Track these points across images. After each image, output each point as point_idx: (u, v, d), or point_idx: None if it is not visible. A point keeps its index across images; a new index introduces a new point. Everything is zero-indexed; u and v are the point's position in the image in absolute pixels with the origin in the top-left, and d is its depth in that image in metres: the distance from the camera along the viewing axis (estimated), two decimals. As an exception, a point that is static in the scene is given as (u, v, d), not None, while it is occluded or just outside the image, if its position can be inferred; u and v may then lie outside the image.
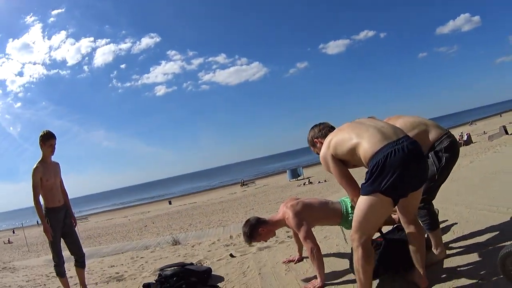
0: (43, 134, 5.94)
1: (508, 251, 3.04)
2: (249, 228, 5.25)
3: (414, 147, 3.62)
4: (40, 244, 30.42)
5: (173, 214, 42.46)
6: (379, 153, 3.54)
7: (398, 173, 3.45)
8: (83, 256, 6.22)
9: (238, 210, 32.10)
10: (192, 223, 29.33)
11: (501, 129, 38.65)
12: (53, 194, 5.93)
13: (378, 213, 3.67)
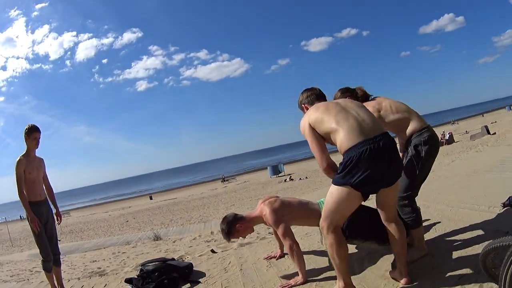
0: (28, 127, 5.93)
1: (489, 249, 3.10)
2: (227, 224, 5.29)
3: (389, 145, 3.77)
4: (23, 239, 30.10)
5: (154, 210, 42.24)
6: (354, 148, 3.69)
7: (370, 171, 3.65)
8: (59, 254, 6.19)
9: (219, 206, 32.01)
10: (173, 219, 29.22)
11: (483, 129, 38.93)
12: (34, 188, 5.91)
13: (346, 205, 3.88)
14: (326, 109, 4.05)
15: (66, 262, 11.53)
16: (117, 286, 6.24)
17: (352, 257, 5.18)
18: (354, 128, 3.80)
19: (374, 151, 3.66)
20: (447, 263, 4.23)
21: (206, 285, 5.53)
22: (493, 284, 3.39)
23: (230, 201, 34.60)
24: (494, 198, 5.88)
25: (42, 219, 5.91)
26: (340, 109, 4.01)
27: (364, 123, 3.87)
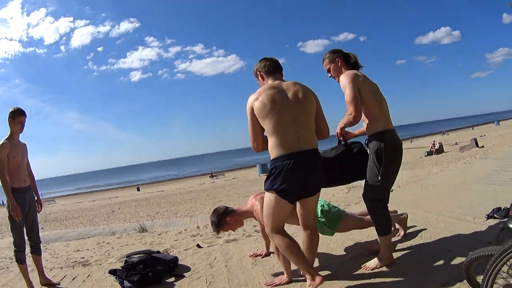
0: (13, 110, 5.76)
1: (472, 258, 3.13)
2: (217, 217, 5.29)
3: (310, 162, 4.17)
4: (5, 225, 29.70)
5: (141, 201, 42.17)
6: (280, 159, 4.09)
7: (289, 182, 4.08)
8: (39, 242, 6.06)
9: (206, 201, 31.99)
10: (159, 211, 29.17)
11: (472, 142, 39.90)
12: (19, 173, 5.77)
13: (277, 208, 4.21)
14: (273, 103, 4.16)
15: (49, 251, 11.42)
16: (101, 276, 6.18)
17: (338, 259, 5.26)
18: (285, 140, 4.12)
19: (295, 166, 4.06)
20: (431, 270, 4.27)
21: (191, 280, 5.50)
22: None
23: (218, 196, 34.61)
24: (479, 210, 5.96)
25: (26, 206, 5.79)
26: (283, 108, 4.17)
27: (297, 135, 4.15)
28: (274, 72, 4.50)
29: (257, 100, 4.20)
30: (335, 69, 4.84)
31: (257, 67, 4.59)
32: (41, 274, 6.00)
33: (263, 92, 4.24)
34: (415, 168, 28.45)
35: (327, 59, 4.88)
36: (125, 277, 5.59)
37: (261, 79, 4.54)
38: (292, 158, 4.06)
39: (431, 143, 48.51)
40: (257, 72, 4.59)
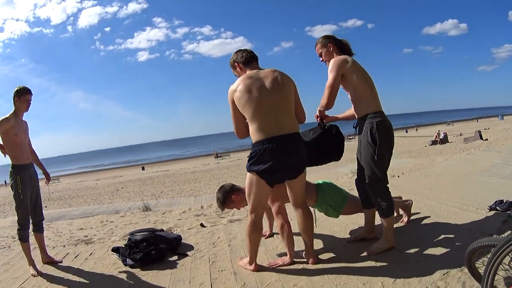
0: (19, 89, 5.67)
1: (474, 247, 3.10)
2: (223, 194, 5.32)
3: (290, 146, 4.32)
4: (7, 204, 29.91)
5: (146, 180, 42.33)
6: (260, 143, 4.25)
7: (270, 165, 4.25)
8: (42, 220, 6.01)
9: (211, 182, 32.10)
10: (164, 191, 29.26)
11: (476, 134, 40.08)
12: (22, 151, 5.67)
13: (256, 189, 4.41)
14: (250, 91, 4.28)
15: (52, 229, 11.47)
16: (103, 254, 6.18)
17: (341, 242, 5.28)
18: (264, 125, 4.27)
19: (275, 149, 4.23)
20: (433, 258, 4.25)
21: (194, 259, 5.49)
22: (476, 283, 3.42)
23: (222, 177, 34.70)
24: (481, 201, 5.93)
25: (31, 183, 5.76)
26: (261, 96, 4.29)
27: (276, 120, 4.30)
28: (251, 61, 4.61)
29: (236, 90, 4.34)
30: (326, 53, 4.87)
31: (234, 58, 4.69)
32: (43, 252, 5.97)
33: (242, 82, 4.35)
34: (420, 156, 28.53)
35: (319, 43, 4.91)
36: (128, 255, 5.58)
37: (238, 69, 4.64)
38: (272, 142, 4.23)
39: (436, 132, 48.63)
40: (234, 63, 4.68)
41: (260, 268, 4.68)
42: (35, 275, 5.44)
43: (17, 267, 5.90)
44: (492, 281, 2.66)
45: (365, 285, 3.93)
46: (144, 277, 5.04)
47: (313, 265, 4.59)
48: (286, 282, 4.26)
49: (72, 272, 5.51)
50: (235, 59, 4.65)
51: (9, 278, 5.43)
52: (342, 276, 4.22)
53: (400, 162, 22.54)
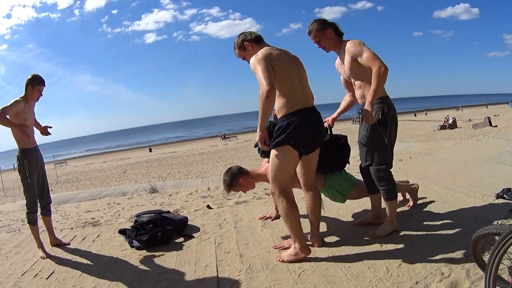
0: (33, 77, 5.62)
1: (479, 234, 3.08)
2: (230, 176, 5.28)
3: (319, 117, 4.42)
4: (17, 189, 29.93)
5: (153, 162, 42.39)
6: (293, 114, 4.16)
7: (305, 135, 4.20)
8: (50, 202, 6.05)
9: (218, 163, 32.10)
10: (171, 172, 29.31)
11: (485, 120, 39.54)
12: (29, 135, 5.64)
13: (289, 164, 4.30)
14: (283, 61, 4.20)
15: (60, 212, 11.53)
16: (111, 236, 6.22)
17: (347, 225, 5.31)
18: (296, 96, 4.22)
19: (309, 120, 4.22)
20: (438, 244, 4.25)
21: (200, 240, 5.52)
22: (480, 271, 3.42)
23: (230, 159, 34.70)
24: (489, 188, 5.89)
25: (38, 166, 5.79)
26: (290, 67, 4.25)
27: (304, 92, 4.31)
28: (261, 40, 4.52)
29: (272, 53, 4.14)
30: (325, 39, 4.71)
31: (243, 38, 4.53)
32: (51, 234, 6.01)
33: (271, 49, 4.22)
34: (428, 141, 28.48)
35: (315, 31, 4.70)
36: (134, 237, 5.61)
37: (250, 48, 4.47)
38: (305, 113, 4.19)
39: (445, 117, 48.31)
40: (243, 43, 4.51)
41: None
42: (44, 257, 5.49)
43: (27, 249, 5.96)
44: (496, 269, 2.63)
45: (370, 269, 3.94)
46: (151, 259, 5.08)
47: (318, 248, 4.61)
48: (291, 264, 4.28)
49: (79, 254, 5.56)
50: (245, 39, 4.50)
51: (20, 260, 5.48)
52: (347, 259, 4.24)
53: (408, 146, 22.58)
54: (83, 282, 4.56)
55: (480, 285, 3.29)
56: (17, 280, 4.75)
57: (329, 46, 4.69)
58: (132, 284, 4.38)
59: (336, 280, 3.82)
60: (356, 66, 4.47)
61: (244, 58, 4.54)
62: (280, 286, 3.87)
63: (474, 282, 3.36)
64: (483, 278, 3.16)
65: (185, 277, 4.41)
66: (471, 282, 3.37)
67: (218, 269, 4.47)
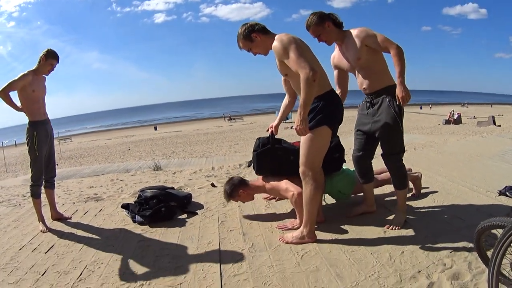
0: (49, 50, 5.62)
1: (484, 226, 3.03)
2: (230, 187, 5.22)
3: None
4: (19, 164, 30.15)
5: (158, 140, 42.56)
6: (331, 93, 4.26)
7: (340, 115, 4.34)
8: (54, 176, 6.05)
9: (223, 144, 32.21)
10: (175, 151, 29.41)
11: (490, 119, 39.73)
12: (39, 107, 5.65)
13: (325, 145, 4.27)
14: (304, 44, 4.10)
15: (62, 187, 11.53)
16: (113, 211, 6.23)
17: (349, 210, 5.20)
18: (325, 76, 4.25)
19: (339, 100, 4.39)
20: (441, 234, 4.26)
21: (203, 217, 5.53)
22: (482, 265, 3.42)
23: (234, 140, 34.84)
24: (492, 184, 5.89)
25: (47, 139, 5.74)
26: (311, 51, 4.17)
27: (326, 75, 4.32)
28: (268, 30, 4.37)
29: (294, 36, 4.05)
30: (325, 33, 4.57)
31: (250, 29, 4.32)
32: (53, 208, 6.00)
33: (292, 35, 4.10)
34: (433, 134, 28.56)
35: (313, 25, 4.52)
36: (138, 212, 5.60)
37: (258, 39, 4.31)
38: (333, 94, 4.28)
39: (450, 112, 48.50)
40: (251, 34, 4.31)
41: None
42: (44, 231, 5.49)
43: (27, 223, 5.95)
44: (500, 264, 2.58)
45: (373, 254, 3.94)
46: (153, 234, 5.07)
47: (322, 231, 4.59)
48: (294, 245, 4.29)
49: (81, 228, 5.56)
50: (252, 29, 4.30)
51: (19, 234, 5.47)
52: (351, 243, 4.25)
53: (412, 137, 22.61)
54: (83, 256, 4.54)
55: (481, 279, 3.29)
56: (14, 255, 4.72)
57: (330, 39, 4.57)
58: (133, 259, 4.37)
59: (338, 264, 3.81)
60: (365, 53, 4.38)
61: (249, 50, 4.40)
62: (282, 266, 3.86)
63: (475, 276, 3.36)
64: (485, 272, 3.23)
65: (187, 253, 4.41)
66: (473, 275, 3.36)
67: (221, 246, 4.47)
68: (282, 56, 3.97)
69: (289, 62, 3.92)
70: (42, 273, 4.15)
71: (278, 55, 4.03)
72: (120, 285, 3.77)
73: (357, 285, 3.38)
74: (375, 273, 3.55)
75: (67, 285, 3.83)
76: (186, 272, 3.92)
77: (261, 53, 4.36)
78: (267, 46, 4.25)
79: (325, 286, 3.41)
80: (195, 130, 54.88)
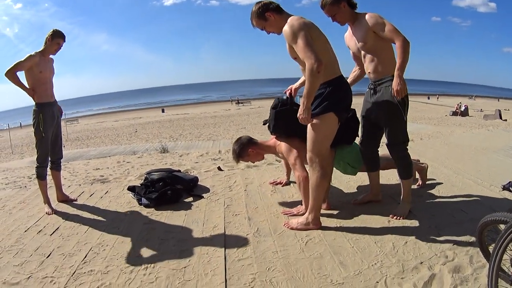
0: (55, 30, 5.64)
1: (486, 221, 3.03)
2: (239, 146, 5.20)
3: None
4: (25, 146, 30.19)
5: (165, 123, 42.54)
6: (341, 79, 4.20)
7: (348, 101, 4.29)
8: (61, 158, 6.06)
9: (230, 127, 32.16)
10: (182, 134, 29.42)
11: (496, 113, 39.73)
12: (46, 89, 5.64)
13: (333, 130, 4.24)
14: (315, 27, 4.06)
15: (68, 169, 11.53)
16: (119, 193, 6.25)
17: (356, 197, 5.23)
18: (333, 63, 4.17)
19: (348, 86, 4.33)
20: (444, 226, 4.27)
21: (209, 201, 5.55)
22: (483, 259, 3.44)
23: (242, 123, 34.77)
24: (496, 178, 5.87)
25: (53, 121, 5.75)
26: (323, 35, 4.11)
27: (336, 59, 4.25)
28: (283, 10, 4.29)
29: (305, 22, 3.98)
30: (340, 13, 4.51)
31: (264, 8, 4.24)
32: (59, 190, 6.02)
33: (302, 18, 4.05)
34: (439, 125, 28.52)
35: (329, 5, 4.47)
36: (144, 194, 5.62)
37: (272, 18, 4.23)
38: (342, 80, 4.23)
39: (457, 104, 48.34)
40: (264, 14, 4.24)
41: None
42: (50, 213, 5.52)
43: (32, 205, 5.97)
44: (501, 259, 2.57)
45: (377, 243, 3.96)
46: (158, 217, 5.10)
47: (327, 218, 4.61)
48: (299, 231, 4.31)
49: (86, 210, 5.59)
50: (266, 8, 4.23)
51: (24, 216, 5.48)
52: (355, 231, 4.27)
53: (419, 127, 22.65)
54: (88, 238, 4.57)
55: (482, 273, 3.30)
56: (19, 237, 4.75)
57: (344, 19, 4.52)
58: (138, 242, 4.40)
59: (342, 251, 3.84)
60: (372, 38, 4.34)
61: (263, 28, 4.34)
62: (286, 252, 3.89)
63: (476, 270, 3.37)
64: (485, 267, 3.24)
65: (192, 237, 4.44)
66: (474, 269, 3.38)
67: (226, 230, 4.50)
68: (291, 41, 3.92)
69: (296, 49, 3.88)
70: (47, 255, 4.18)
71: (288, 40, 3.97)
72: (125, 268, 3.81)
73: (360, 274, 3.41)
74: (378, 262, 3.57)
75: (72, 267, 3.86)
76: (190, 255, 3.95)
77: (275, 32, 4.29)
78: (280, 26, 4.14)
79: (328, 273, 3.44)
80: (202, 113, 54.81)
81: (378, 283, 3.26)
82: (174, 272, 3.64)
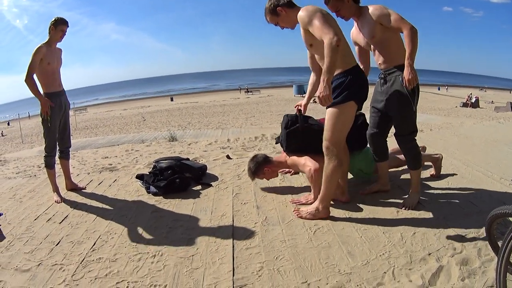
0: (57, 18, 5.63)
1: (496, 214, 2.99)
2: (255, 165, 5.22)
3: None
4: (35, 135, 30.36)
5: (173, 111, 42.56)
6: (355, 69, 4.17)
7: (366, 89, 4.28)
8: (69, 147, 6.10)
9: (239, 116, 32.14)
10: (191, 122, 29.44)
11: (508, 105, 39.08)
12: (54, 79, 5.68)
13: (351, 119, 4.23)
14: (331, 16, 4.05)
15: (77, 158, 11.61)
16: (127, 182, 6.28)
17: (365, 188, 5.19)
18: (350, 51, 4.22)
19: (365, 75, 4.35)
20: (453, 218, 4.25)
21: (217, 189, 5.57)
22: (491, 252, 3.40)
23: (251, 112, 34.71)
24: (506, 171, 5.80)
25: (61, 111, 5.76)
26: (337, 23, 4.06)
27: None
28: (294, 4, 4.30)
29: (321, 8, 4.00)
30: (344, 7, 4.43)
31: (275, 3, 4.26)
32: (68, 179, 6.07)
33: (319, 7, 4.03)
34: (449, 116, 28.41)
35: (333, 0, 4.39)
36: (152, 182, 5.65)
37: (284, 13, 4.26)
38: (359, 69, 4.26)
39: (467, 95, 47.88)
40: (276, 8, 4.27)
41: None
42: (59, 201, 5.55)
43: (42, 194, 6.01)
44: (510, 253, 2.53)
45: (385, 234, 3.95)
46: (167, 205, 5.12)
47: (335, 208, 4.60)
48: (307, 220, 4.31)
49: (95, 198, 5.63)
50: (278, 4, 4.25)
51: (34, 205, 5.53)
52: (363, 221, 4.26)
53: (429, 118, 22.54)
54: (96, 227, 4.61)
55: (490, 267, 3.27)
56: (29, 225, 4.80)
57: (348, 14, 4.45)
58: (146, 230, 4.42)
59: (350, 241, 3.84)
60: (380, 31, 4.29)
61: (276, 23, 4.38)
62: (294, 241, 3.89)
63: (484, 263, 3.34)
64: (494, 260, 3.21)
65: (200, 225, 4.45)
66: (482, 262, 3.35)
67: (234, 219, 4.50)
68: (306, 24, 3.90)
69: (313, 29, 3.84)
70: (57, 243, 4.22)
71: (303, 23, 3.96)
72: (133, 256, 3.83)
73: (367, 264, 3.40)
74: (386, 253, 3.57)
75: (80, 255, 3.90)
76: (198, 244, 3.97)
77: (288, 26, 4.32)
78: (293, 20, 4.20)
79: (336, 263, 3.45)
80: (211, 101, 54.77)
81: (385, 273, 3.25)
82: (182, 260, 3.66)
